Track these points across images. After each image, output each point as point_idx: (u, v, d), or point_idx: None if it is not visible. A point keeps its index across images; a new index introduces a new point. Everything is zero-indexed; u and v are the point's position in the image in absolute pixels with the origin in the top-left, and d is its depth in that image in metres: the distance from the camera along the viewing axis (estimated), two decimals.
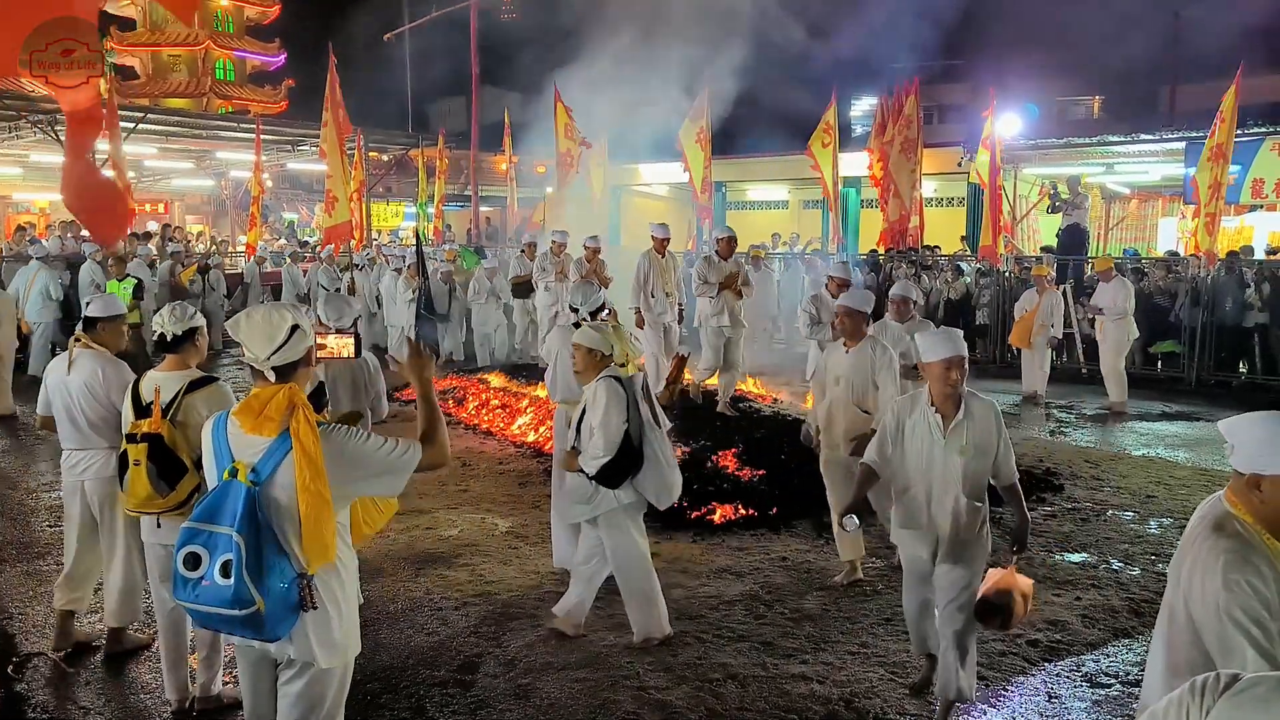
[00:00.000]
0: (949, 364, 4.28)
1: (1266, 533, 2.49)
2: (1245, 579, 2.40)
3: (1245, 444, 2.50)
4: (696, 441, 8.81)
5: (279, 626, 2.94)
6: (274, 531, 2.94)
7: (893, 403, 4.65)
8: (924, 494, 4.42)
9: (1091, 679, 5.02)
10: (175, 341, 4.46)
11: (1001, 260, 15.57)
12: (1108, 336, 12.09)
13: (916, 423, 4.43)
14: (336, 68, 15.49)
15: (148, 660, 5.09)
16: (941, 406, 4.35)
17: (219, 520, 2.92)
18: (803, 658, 5.16)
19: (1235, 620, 2.39)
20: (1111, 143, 18.46)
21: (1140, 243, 21.30)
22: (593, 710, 4.60)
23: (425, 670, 5.04)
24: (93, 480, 5.03)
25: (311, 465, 2.89)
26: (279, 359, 3.07)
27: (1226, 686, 1.56)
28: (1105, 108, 24.41)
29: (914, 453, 4.44)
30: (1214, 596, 2.44)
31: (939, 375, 4.31)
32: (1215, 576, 2.44)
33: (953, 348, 4.30)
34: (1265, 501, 2.47)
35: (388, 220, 32.47)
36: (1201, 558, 2.51)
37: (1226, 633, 2.41)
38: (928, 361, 4.34)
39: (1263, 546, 2.47)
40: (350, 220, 16.12)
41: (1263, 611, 2.38)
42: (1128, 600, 5.94)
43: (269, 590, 2.88)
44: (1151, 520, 7.61)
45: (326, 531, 2.94)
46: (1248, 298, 13.39)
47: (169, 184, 30.04)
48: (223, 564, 2.86)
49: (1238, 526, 2.50)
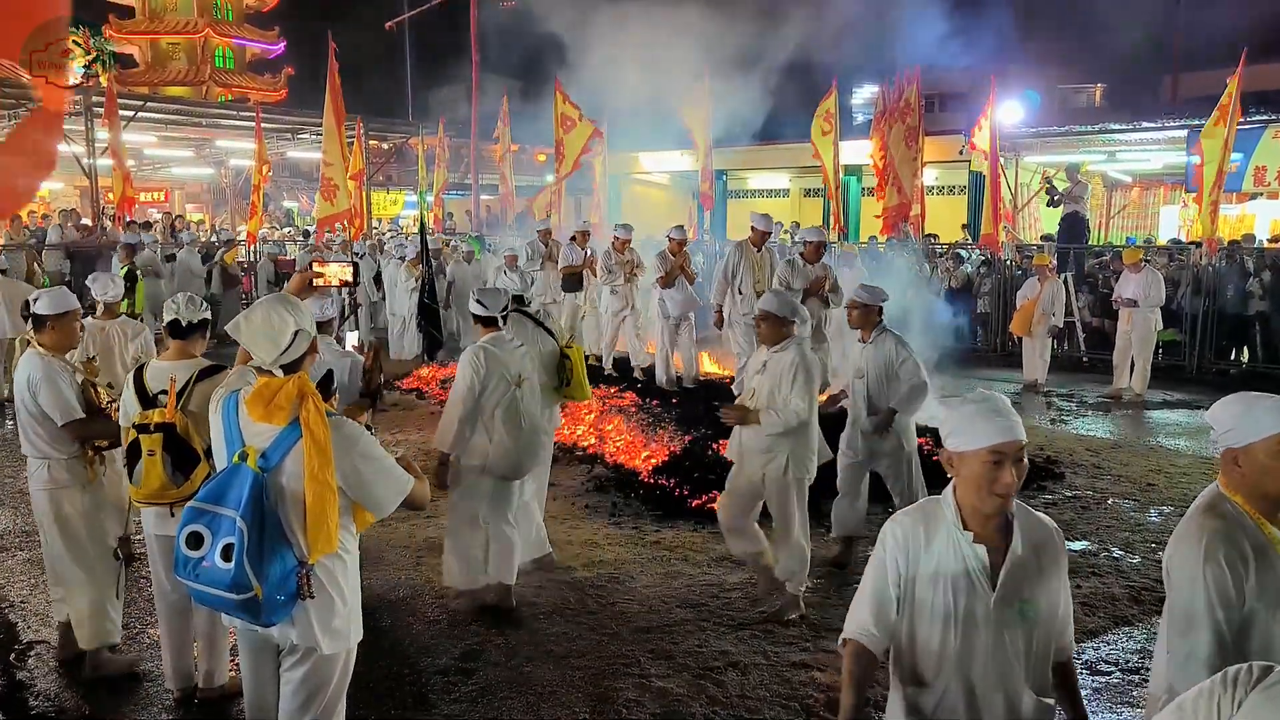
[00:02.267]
0: (999, 456, 2.48)
1: (1259, 515, 2.53)
2: (1224, 556, 2.45)
3: (1222, 423, 2.60)
4: (697, 430, 8.81)
5: (275, 613, 2.96)
6: (278, 518, 2.96)
7: (891, 527, 2.69)
8: (960, 692, 2.59)
9: (1091, 666, 5.03)
10: (188, 329, 4.41)
11: (1002, 249, 15.54)
12: (1136, 326, 11.95)
13: (940, 563, 2.58)
14: (336, 55, 15.44)
15: (150, 649, 5.09)
16: (983, 531, 2.57)
17: (224, 502, 2.94)
18: (803, 645, 5.17)
19: (1207, 598, 2.44)
20: (1113, 130, 18.42)
21: (1142, 231, 21.29)
22: (594, 698, 4.62)
23: (427, 658, 5.06)
24: (35, 491, 4.76)
25: (321, 454, 2.91)
26: (285, 359, 3.10)
27: (1259, 679, 1.54)
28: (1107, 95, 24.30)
29: (939, 616, 2.58)
30: (1191, 570, 2.49)
31: (981, 477, 2.50)
32: (1197, 551, 2.49)
33: (1005, 428, 2.49)
34: (1245, 475, 2.55)
35: (387, 209, 32.42)
36: (1188, 533, 2.57)
37: (1195, 608, 2.46)
38: (960, 451, 2.53)
39: (1255, 531, 2.51)
40: (349, 208, 16.09)
41: (1233, 594, 2.43)
42: (1128, 588, 5.94)
43: (267, 577, 2.90)
44: (1152, 509, 7.61)
45: (331, 521, 2.95)
46: (1249, 286, 13.38)
47: (169, 172, 29.98)
48: (224, 547, 2.88)
49: (1228, 508, 2.56)
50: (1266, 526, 2.52)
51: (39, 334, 4.76)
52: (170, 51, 35.52)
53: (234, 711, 4.50)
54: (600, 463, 8.67)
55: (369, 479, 3.07)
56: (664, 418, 9.29)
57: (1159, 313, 12.13)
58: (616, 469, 8.42)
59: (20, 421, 4.74)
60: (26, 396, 4.66)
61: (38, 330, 4.76)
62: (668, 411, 9.50)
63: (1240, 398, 2.60)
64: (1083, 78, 25.04)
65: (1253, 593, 2.43)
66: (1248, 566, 2.44)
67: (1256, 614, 2.44)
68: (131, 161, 20.69)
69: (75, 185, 27.87)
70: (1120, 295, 12.13)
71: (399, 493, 3.11)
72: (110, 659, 4.88)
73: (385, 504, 3.12)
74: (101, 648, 4.83)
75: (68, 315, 4.80)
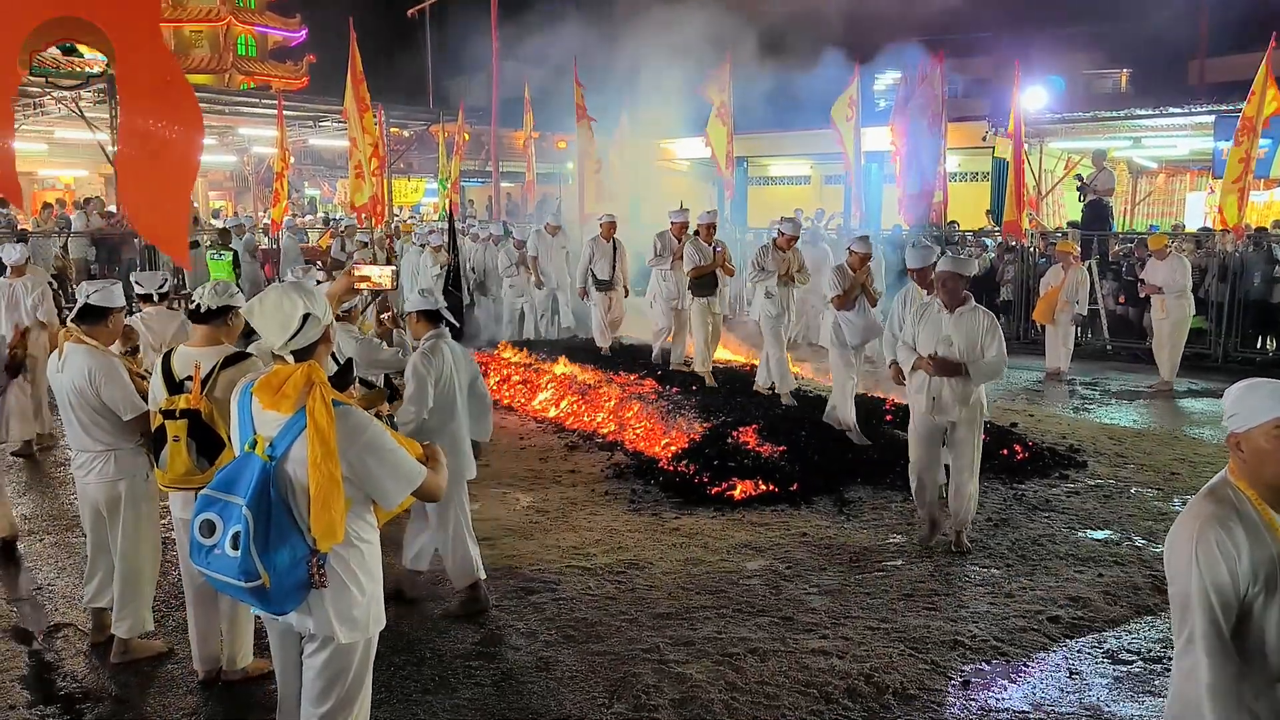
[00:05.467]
0: None
1: (1262, 500, 2.52)
2: (1215, 539, 2.45)
3: (1228, 408, 2.61)
4: (716, 417, 8.81)
5: (286, 601, 2.98)
6: (287, 507, 2.96)
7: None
8: None
9: (1113, 655, 5.00)
10: (208, 314, 4.38)
11: (1026, 236, 15.42)
12: (1169, 314, 11.77)
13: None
14: (358, 43, 15.47)
15: (177, 631, 5.15)
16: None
17: (235, 491, 2.96)
18: (822, 633, 5.18)
19: (1200, 582, 2.46)
20: (1139, 116, 18.21)
21: (1168, 218, 21.06)
22: (613, 683, 4.64)
23: (448, 643, 5.09)
24: (95, 484, 4.80)
25: (324, 444, 2.90)
26: (294, 345, 3.10)
27: None
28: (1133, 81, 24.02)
29: None
30: (1185, 553, 2.51)
31: None
32: (1191, 535, 2.51)
33: None
34: (1246, 460, 2.55)
35: (408, 196, 32.49)
36: (1186, 517, 2.59)
37: (1189, 591, 2.48)
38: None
39: (1254, 515, 2.50)
40: (375, 195, 16.14)
41: (1225, 577, 2.43)
42: (1150, 577, 5.90)
43: (275, 566, 2.90)
44: (1175, 498, 7.56)
45: (334, 511, 2.93)
46: (1276, 273, 13.23)
47: None
48: (233, 535, 2.90)
49: (1229, 492, 2.56)
50: (1267, 512, 2.51)
51: (92, 326, 4.76)
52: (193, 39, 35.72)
53: (258, 695, 4.55)
54: (620, 449, 8.69)
55: (374, 470, 3.04)
56: (684, 405, 9.29)
57: (1192, 299, 11.93)
58: (636, 456, 8.44)
59: (76, 417, 4.72)
60: (88, 390, 4.65)
61: (92, 323, 4.77)
62: (687, 399, 9.50)
63: (1246, 383, 2.60)
64: (1108, 63, 24.76)
65: (1247, 577, 2.43)
66: (1240, 550, 2.44)
67: (1254, 599, 2.44)
68: None
69: (99, 173, 28.13)
70: (1148, 282, 12.01)
71: (408, 484, 3.09)
72: (140, 644, 4.94)
73: (392, 496, 3.10)
74: (131, 636, 4.89)
75: (122, 310, 4.88)
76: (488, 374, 11.82)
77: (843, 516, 7.06)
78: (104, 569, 5.01)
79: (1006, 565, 6.16)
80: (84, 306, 4.80)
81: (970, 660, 4.90)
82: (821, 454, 8.01)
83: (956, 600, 5.63)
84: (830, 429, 8.54)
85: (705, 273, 10.11)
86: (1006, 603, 5.59)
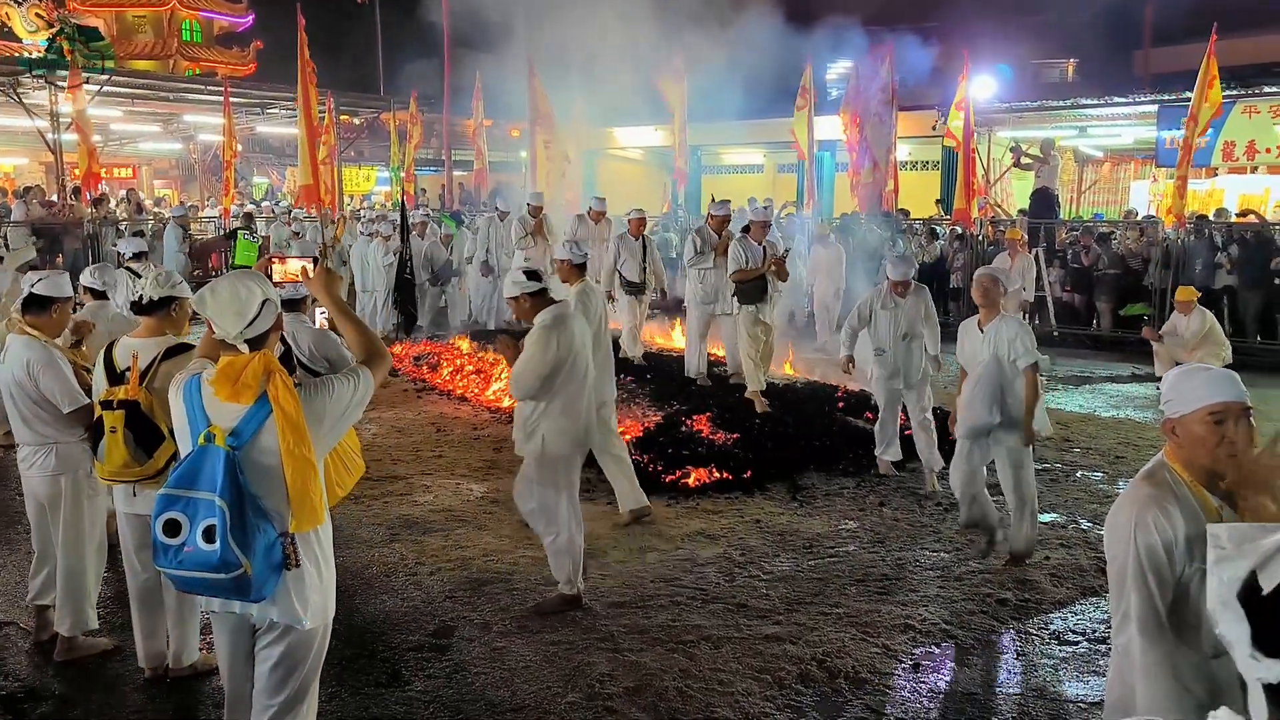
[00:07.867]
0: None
1: (1196, 482, 2.59)
2: (1152, 519, 2.52)
3: (1165, 395, 2.68)
4: (670, 405, 8.82)
5: (265, 587, 2.96)
6: (254, 494, 2.95)
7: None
8: None
9: (1059, 636, 5.10)
10: (150, 306, 4.30)
11: (975, 224, 15.60)
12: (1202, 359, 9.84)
13: None
14: (306, 29, 15.24)
15: (122, 629, 5.06)
16: None
17: (198, 486, 2.92)
18: (775, 618, 5.21)
19: (1136, 561, 2.53)
20: (1084, 105, 18.51)
21: (1113, 206, 21.41)
22: (567, 672, 4.64)
23: (400, 635, 5.06)
24: (38, 478, 4.72)
25: (295, 430, 2.92)
26: (251, 332, 3.06)
27: None
28: (1079, 70, 24.37)
29: None
30: (1123, 533, 2.58)
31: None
32: (1129, 515, 2.58)
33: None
34: (1182, 444, 2.62)
35: (359, 185, 32.08)
36: (1124, 499, 2.66)
37: (1125, 570, 2.56)
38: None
39: (1189, 497, 2.58)
40: (312, 183, 15.83)
41: (1162, 556, 2.50)
42: (1095, 559, 6.02)
43: (254, 552, 2.89)
44: (1120, 481, 7.71)
45: (314, 494, 2.99)
46: (1218, 260, 13.50)
47: (136, 148, 29.53)
48: (205, 529, 2.86)
49: (1166, 475, 2.63)
50: (1203, 494, 2.58)
51: (36, 317, 4.67)
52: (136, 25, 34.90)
53: (205, 690, 4.49)
54: None
55: (342, 421, 3.15)
56: (637, 394, 9.29)
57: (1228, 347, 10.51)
58: None
59: (17, 409, 4.63)
60: (26, 381, 4.57)
61: (36, 313, 4.68)
62: (641, 387, 9.50)
63: (1182, 369, 2.67)
64: (1055, 52, 25.08)
65: (1183, 556, 2.50)
66: (1176, 530, 2.51)
67: (1190, 579, 2.50)
68: (98, 137, 20.32)
69: (40, 161, 27.44)
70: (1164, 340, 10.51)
71: (367, 398, 3.20)
72: (84, 642, 4.85)
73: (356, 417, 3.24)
74: (75, 634, 4.80)
75: (69, 301, 4.78)
76: (440, 364, 11.74)
77: (796, 503, 7.11)
78: (50, 565, 4.90)
79: (955, 550, 6.25)
80: (29, 296, 4.70)
81: (920, 644, 4.97)
82: (774, 441, 8.06)
83: (907, 585, 5.70)
84: (785, 417, 8.60)
85: (752, 277, 8.88)
86: (956, 586, 5.67)
